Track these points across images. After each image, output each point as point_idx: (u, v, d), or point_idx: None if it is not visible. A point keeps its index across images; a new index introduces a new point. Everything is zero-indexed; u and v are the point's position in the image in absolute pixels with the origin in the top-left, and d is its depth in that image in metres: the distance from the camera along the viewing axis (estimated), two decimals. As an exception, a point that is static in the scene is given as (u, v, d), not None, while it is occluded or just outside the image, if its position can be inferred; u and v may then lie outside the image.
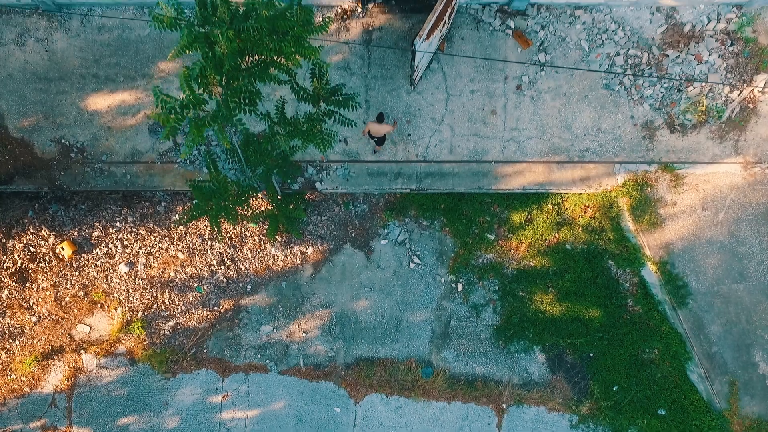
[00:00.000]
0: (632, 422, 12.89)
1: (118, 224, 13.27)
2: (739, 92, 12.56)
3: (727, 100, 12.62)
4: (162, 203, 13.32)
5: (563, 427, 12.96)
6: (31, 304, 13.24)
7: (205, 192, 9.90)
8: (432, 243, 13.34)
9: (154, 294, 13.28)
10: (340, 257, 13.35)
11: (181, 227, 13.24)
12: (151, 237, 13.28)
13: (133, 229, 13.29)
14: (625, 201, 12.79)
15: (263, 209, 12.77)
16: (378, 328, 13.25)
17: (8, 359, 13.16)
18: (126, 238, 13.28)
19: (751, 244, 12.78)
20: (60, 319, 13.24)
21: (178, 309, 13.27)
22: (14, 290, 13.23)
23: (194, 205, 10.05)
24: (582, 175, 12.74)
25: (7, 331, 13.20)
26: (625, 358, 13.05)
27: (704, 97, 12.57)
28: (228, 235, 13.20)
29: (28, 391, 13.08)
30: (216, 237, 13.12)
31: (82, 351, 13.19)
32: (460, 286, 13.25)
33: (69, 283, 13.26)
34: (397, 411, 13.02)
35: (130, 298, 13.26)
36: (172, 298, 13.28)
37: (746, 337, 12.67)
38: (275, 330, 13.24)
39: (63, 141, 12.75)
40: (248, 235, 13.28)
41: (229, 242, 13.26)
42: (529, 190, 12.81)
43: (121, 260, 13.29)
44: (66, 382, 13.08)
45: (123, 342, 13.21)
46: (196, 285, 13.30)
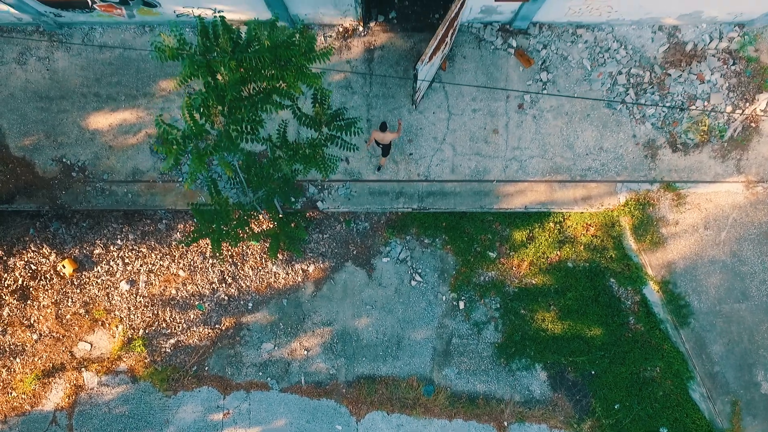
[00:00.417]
0: (634, 441, 12.89)
1: (119, 242, 13.25)
2: (741, 111, 12.54)
3: (730, 119, 12.60)
4: (163, 221, 13.30)
5: (565, 446, 12.95)
6: (32, 322, 13.22)
7: (206, 215, 9.89)
8: (433, 261, 13.32)
9: (156, 312, 13.26)
10: (342, 275, 13.33)
11: (182, 245, 13.21)
12: (153, 255, 13.27)
13: (134, 247, 13.28)
14: (627, 220, 12.77)
15: (264, 228, 12.75)
16: (379, 345, 13.24)
17: (9, 377, 13.14)
18: (127, 255, 13.26)
19: (754, 263, 12.76)
20: (61, 337, 13.22)
21: (179, 327, 13.25)
22: (15, 308, 13.21)
23: (196, 228, 10.03)
24: (584, 195, 12.72)
25: (8, 349, 13.18)
26: (626, 376, 13.03)
27: (706, 117, 12.55)
28: (229, 253, 13.18)
29: (29, 408, 13.06)
30: (217, 258, 13.10)
31: (83, 369, 13.17)
32: (461, 304, 13.23)
33: (70, 300, 13.25)
34: (398, 429, 13.00)
35: (131, 316, 13.24)
36: (174, 315, 13.27)
37: (748, 356, 12.65)
38: (276, 347, 13.22)
39: (64, 160, 12.74)
40: (250, 253, 13.26)
41: (230, 260, 13.24)
42: (531, 209, 12.79)
43: (122, 278, 13.27)
44: (67, 399, 13.06)
45: (124, 360, 13.19)
46: (197, 303, 13.29)
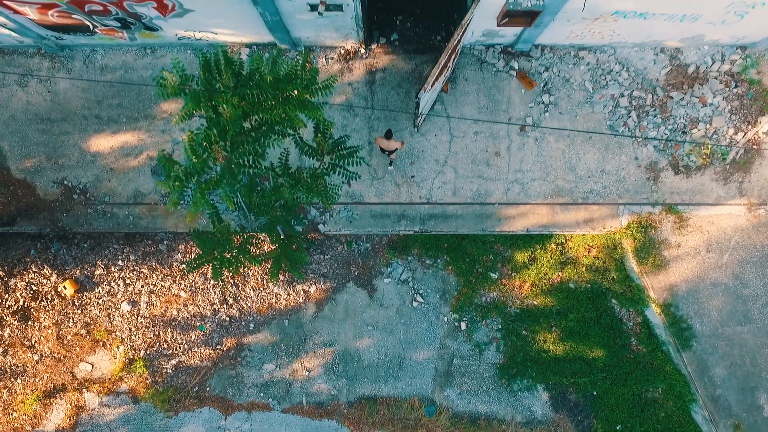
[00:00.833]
0: (636, 463, 12.88)
1: (120, 263, 13.23)
2: (743, 134, 12.52)
3: (732, 141, 12.58)
4: (164, 242, 13.28)
5: (567, 468, 12.94)
6: (33, 343, 13.21)
7: (208, 243, 9.87)
8: (435, 281, 13.30)
9: (157, 332, 13.24)
10: (343, 296, 13.31)
11: (183, 266, 13.20)
12: (154, 275, 13.25)
13: (136, 268, 13.26)
14: (629, 243, 12.75)
15: (266, 249, 12.73)
16: (381, 366, 13.22)
17: (10, 398, 13.13)
18: (128, 276, 13.25)
19: (756, 286, 12.74)
20: (62, 358, 13.21)
21: (180, 347, 13.24)
22: (16, 329, 13.20)
23: (198, 256, 10.01)
24: (586, 217, 12.70)
25: (9, 370, 13.17)
26: (628, 397, 13.01)
27: (708, 140, 12.53)
28: (230, 275, 13.16)
29: (30, 429, 13.05)
30: (218, 283, 13.09)
31: (84, 389, 13.16)
32: (463, 325, 13.22)
33: (71, 321, 13.23)
34: (400, 451, 13.00)
35: (133, 337, 13.23)
36: (175, 336, 13.25)
37: (751, 379, 12.63)
38: (278, 368, 13.21)
39: (65, 182, 12.72)
40: (251, 274, 13.24)
41: (231, 281, 13.22)
42: (533, 232, 12.77)
43: (123, 299, 13.26)
44: (68, 420, 13.05)
45: (125, 380, 13.18)
46: (198, 323, 13.27)
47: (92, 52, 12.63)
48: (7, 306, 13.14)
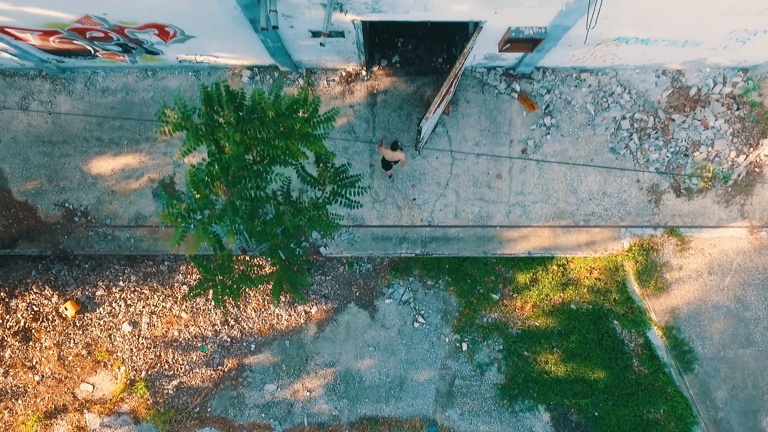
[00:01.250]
0: (637, 485, 12.85)
1: (121, 283, 13.22)
2: (745, 156, 12.50)
3: (734, 164, 12.56)
4: (165, 263, 13.27)
5: (568, 491, 12.92)
6: (34, 364, 13.20)
7: (209, 270, 9.88)
8: (436, 302, 13.29)
9: (158, 353, 13.23)
10: (345, 316, 13.30)
11: (184, 286, 13.19)
12: (155, 296, 13.24)
13: (137, 288, 13.25)
14: (630, 265, 12.73)
15: (267, 271, 12.71)
16: (382, 387, 13.21)
17: (11, 419, 13.12)
18: (129, 297, 13.24)
19: (758, 308, 12.72)
20: (63, 379, 13.20)
21: (181, 368, 13.23)
22: (17, 349, 13.19)
23: (199, 282, 10.01)
24: (587, 240, 12.68)
25: (10, 391, 13.16)
26: (630, 419, 13.00)
27: (710, 162, 12.51)
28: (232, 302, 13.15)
29: (32, 451, 13.06)
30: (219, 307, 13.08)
31: (85, 410, 13.15)
32: (464, 346, 13.20)
33: (72, 342, 13.22)
34: (401, 472, 12.99)
35: (134, 357, 13.21)
36: (176, 357, 13.24)
37: (753, 402, 12.61)
38: (279, 389, 13.20)
39: (66, 204, 12.71)
40: (252, 296, 13.23)
41: (232, 303, 13.21)
42: (535, 254, 12.76)
43: (124, 319, 13.25)
44: (69, 441, 13.06)
45: (126, 401, 13.17)
46: (199, 344, 13.26)
47: (93, 74, 12.62)
48: (8, 327, 13.13)
